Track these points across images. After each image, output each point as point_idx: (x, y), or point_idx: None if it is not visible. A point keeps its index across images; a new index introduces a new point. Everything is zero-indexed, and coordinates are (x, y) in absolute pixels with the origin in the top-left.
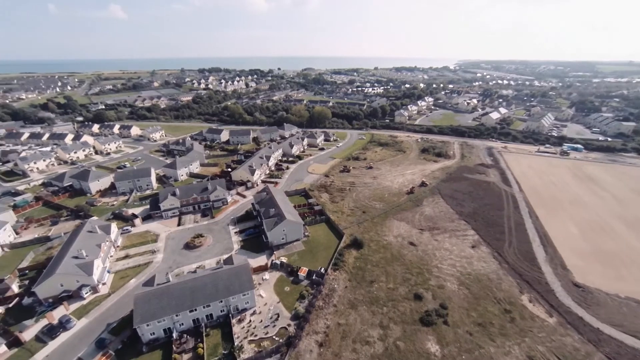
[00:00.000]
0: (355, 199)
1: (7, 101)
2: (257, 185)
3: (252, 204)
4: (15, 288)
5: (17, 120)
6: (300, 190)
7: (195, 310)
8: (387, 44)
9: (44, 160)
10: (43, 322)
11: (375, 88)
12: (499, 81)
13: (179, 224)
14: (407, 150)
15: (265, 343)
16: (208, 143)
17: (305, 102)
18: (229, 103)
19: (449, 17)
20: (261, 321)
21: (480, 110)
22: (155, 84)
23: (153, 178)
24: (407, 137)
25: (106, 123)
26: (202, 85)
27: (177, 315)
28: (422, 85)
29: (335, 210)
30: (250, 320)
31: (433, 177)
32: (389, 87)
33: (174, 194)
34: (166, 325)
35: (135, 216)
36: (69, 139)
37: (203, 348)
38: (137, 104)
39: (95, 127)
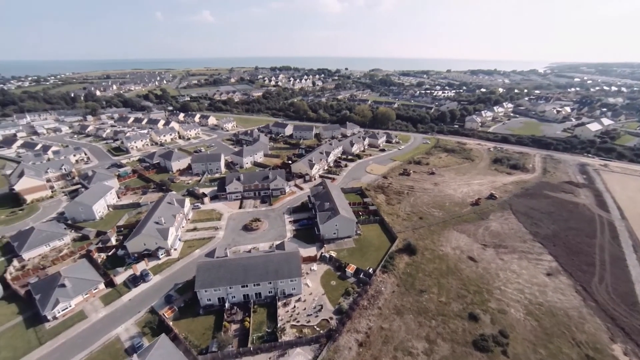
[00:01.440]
0: (413, 204)
1: (121, 92)
2: (315, 179)
3: (308, 196)
4: (113, 240)
5: (127, 107)
6: (357, 188)
7: (247, 286)
8: (463, 45)
9: (142, 141)
10: (129, 272)
11: (446, 91)
12: (605, 87)
13: (240, 207)
14: (476, 159)
15: (306, 330)
16: (273, 136)
17: (369, 102)
18: (295, 100)
19: (539, 12)
20: (305, 309)
21: (573, 120)
22: (232, 80)
23: (222, 163)
24: (478, 144)
25: (189, 113)
26: (273, 82)
27: (230, 288)
28: (500, 89)
29: (391, 213)
30: (294, 306)
31: (504, 191)
32: (461, 90)
33: (238, 179)
34: (220, 294)
35: (204, 195)
36: (160, 125)
37: (249, 322)
38: (215, 97)
39: (181, 116)
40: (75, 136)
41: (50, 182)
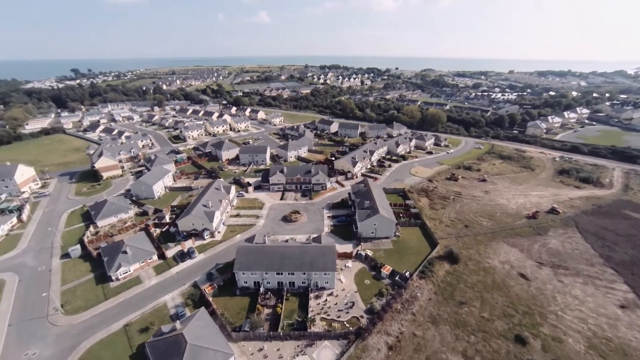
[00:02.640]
0: (459, 211)
1: (183, 86)
2: (357, 177)
3: (349, 193)
4: (167, 218)
5: (187, 100)
6: (399, 189)
7: (281, 274)
8: (530, 44)
9: (197, 131)
10: (178, 248)
11: (507, 94)
12: None
13: (281, 198)
14: (537, 169)
15: (336, 325)
16: (318, 132)
17: (419, 103)
18: (343, 98)
19: (626, 5)
20: (336, 304)
21: None
22: (282, 77)
23: (268, 155)
24: (540, 153)
25: (241, 107)
26: (321, 80)
27: (266, 273)
28: (574, 93)
29: (433, 218)
30: (326, 300)
31: (570, 206)
32: (524, 93)
33: (282, 171)
34: (256, 279)
35: (249, 184)
36: (214, 117)
37: (281, 308)
38: (266, 93)
39: (233, 109)
40: (144, 124)
41: (121, 163)
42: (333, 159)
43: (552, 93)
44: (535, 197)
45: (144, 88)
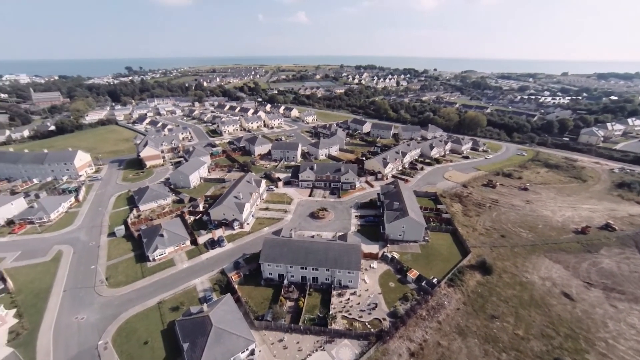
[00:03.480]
0: (495, 220)
1: (222, 83)
2: (387, 178)
3: (378, 194)
4: (201, 207)
5: (225, 96)
6: (431, 193)
7: (305, 269)
8: (588, 44)
9: (233, 126)
10: (209, 236)
11: (558, 98)
12: None
13: (310, 195)
14: (590, 180)
15: (357, 324)
16: (350, 132)
17: (457, 105)
18: (377, 98)
19: None
20: (358, 303)
21: None
22: (317, 77)
23: (299, 152)
24: (595, 163)
25: (275, 104)
26: (356, 81)
27: (290, 267)
28: None
29: (467, 225)
30: (349, 298)
31: (629, 223)
32: (580, 97)
33: (311, 169)
34: (281, 271)
35: (279, 179)
36: (250, 113)
37: (304, 302)
38: (300, 92)
39: (268, 107)
40: (185, 118)
41: (163, 153)
42: (364, 158)
43: (613, 97)
44: (586, 210)
45: (187, 85)
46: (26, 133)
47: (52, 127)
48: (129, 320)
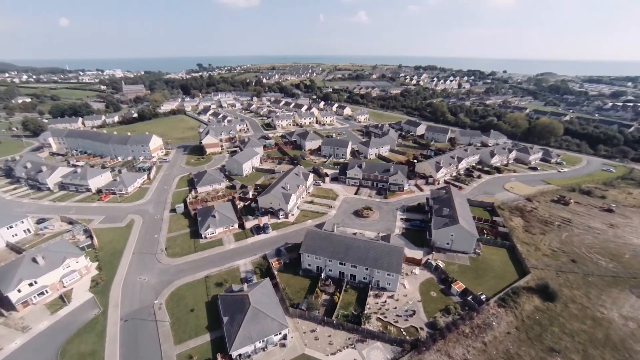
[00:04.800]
0: (565, 241)
1: (280, 80)
2: (439, 183)
3: (427, 198)
4: (250, 194)
5: (282, 92)
6: (487, 204)
7: (344, 264)
8: None
9: (286, 121)
10: (255, 222)
11: None
12: None
13: (355, 193)
14: None
15: (392, 329)
16: (403, 133)
17: (527, 111)
18: (435, 100)
19: None
20: (395, 308)
21: None
22: (373, 77)
23: (348, 150)
24: None
25: (329, 102)
26: (414, 81)
27: (329, 261)
28: None
29: (528, 242)
30: (385, 301)
31: None
32: None
33: (360, 167)
34: (320, 264)
35: (326, 175)
36: (303, 109)
37: (339, 298)
38: (355, 91)
39: (321, 104)
40: (243, 111)
41: (221, 142)
42: (415, 161)
43: None
44: None
45: (248, 81)
46: (116, 119)
47: (135, 115)
48: (180, 287)
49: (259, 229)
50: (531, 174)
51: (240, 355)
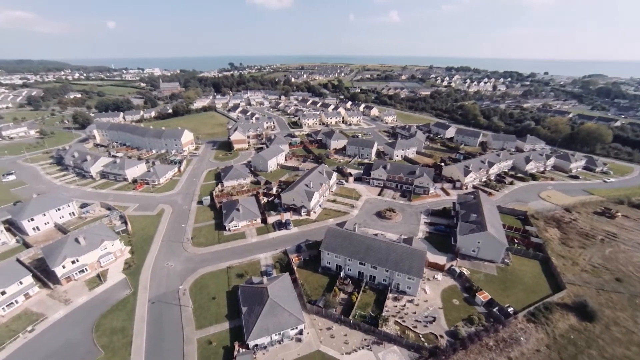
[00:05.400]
0: (609, 257)
1: (308, 80)
2: (467, 188)
3: (453, 203)
4: (274, 190)
5: (309, 92)
6: (520, 212)
7: (364, 265)
8: None
9: (313, 120)
10: (278, 217)
11: None
12: None
13: (379, 194)
14: None
15: (410, 334)
16: (431, 135)
17: (570, 115)
18: (466, 103)
19: None
20: (415, 313)
21: None
22: (403, 77)
23: (373, 150)
24: None
25: (356, 102)
26: (445, 83)
27: (349, 260)
28: None
29: (564, 256)
30: (405, 305)
31: None
32: None
33: (384, 167)
34: (339, 262)
35: (350, 175)
36: (330, 109)
37: (357, 298)
38: (383, 92)
39: (348, 104)
40: (271, 109)
41: (248, 139)
42: (442, 164)
43: None
44: None
45: (276, 80)
46: (153, 114)
47: (170, 110)
48: (203, 276)
49: (280, 225)
50: (571, 182)
51: (257, 345)
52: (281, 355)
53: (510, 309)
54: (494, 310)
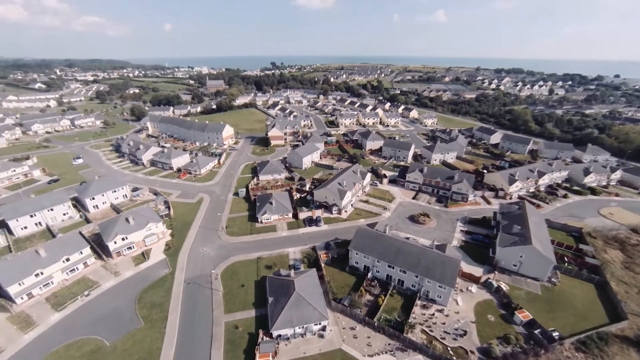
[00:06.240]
0: None
1: (347, 80)
2: (511, 197)
3: (495, 212)
4: (307, 187)
5: (348, 92)
6: (573, 228)
7: (392, 268)
8: None
9: (350, 120)
10: (309, 214)
11: None
12: None
13: (413, 198)
14: None
15: (437, 345)
16: (474, 140)
17: None
18: (516, 107)
19: None
20: (444, 323)
21: None
22: (446, 79)
23: (410, 153)
24: None
25: (395, 103)
26: (493, 86)
27: (377, 262)
28: None
29: (627, 282)
30: (433, 314)
31: None
32: None
33: (421, 171)
34: (367, 263)
35: (385, 176)
36: (368, 109)
37: (383, 301)
38: (424, 94)
39: (387, 105)
40: (309, 108)
41: (285, 135)
42: (485, 171)
43: None
44: None
45: (316, 79)
46: (198, 109)
47: (214, 106)
48: (234, 264)
49: (311, 221)
50: None
51: (280, 335)
52: (303, 348)
53: (556, 334)
54: (536, 332)
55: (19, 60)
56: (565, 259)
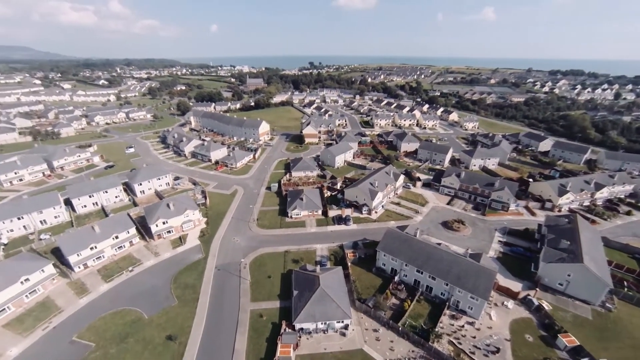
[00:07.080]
0: None
1: (385, 81)
2: (560, 210)
3: (539, 224)
4: (338, 185)
5: (385, 93)
6: (636, 249)
7: (421, 273)
8: None
9: (385, 120)
10: (338, 212)
11: None
12: None
13: (448, 203)
14: None
15: (465, 358)
16: (520, 147)
17: None
18: (573, 113)
19: None
20: (474, 337)
21: None
22: (492, 81)
23: (447, 157)
24: None
25: (434, 105)
26: (545, 89)
27: (405, 265)
28: None
29: None
30: (463, 326)
31: None
32: None
33: (458, 175)
34: (395, 266)
35: (419, 179)
36: (405, 111)
37: (409, 306)
38: (466, 96)
39: (425, 107)
40: (344, 108)
41: (319, 134)
42: (530, 180)
43: None
44: None
45: (353, 79)
46: (238, 105)
47: (252, 103)
48: (262, 255)
49: (340, 220)
50: None
51: (302, 329)
52: (324, 344)
53: None
54: None
55: (88, 60)
56: (625, 283)
